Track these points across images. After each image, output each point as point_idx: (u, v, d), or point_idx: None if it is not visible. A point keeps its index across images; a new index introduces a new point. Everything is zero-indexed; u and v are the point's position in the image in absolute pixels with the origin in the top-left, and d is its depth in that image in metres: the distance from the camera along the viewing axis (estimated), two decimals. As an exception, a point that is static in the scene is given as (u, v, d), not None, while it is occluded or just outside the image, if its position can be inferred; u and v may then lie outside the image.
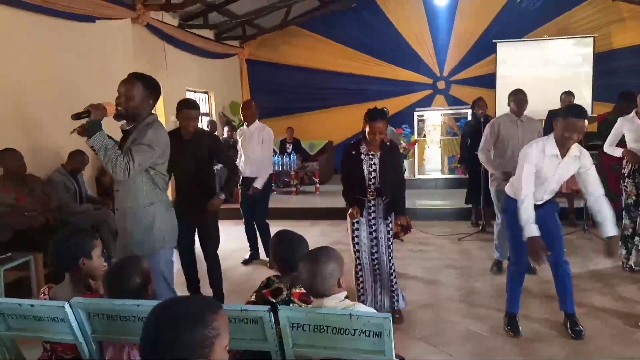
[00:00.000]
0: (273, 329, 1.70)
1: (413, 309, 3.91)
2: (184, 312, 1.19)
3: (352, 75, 10.69)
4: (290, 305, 2.04)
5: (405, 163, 9.03)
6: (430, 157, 9.46)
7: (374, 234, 3.51)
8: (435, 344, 3.31)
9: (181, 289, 3.66)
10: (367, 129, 3.34)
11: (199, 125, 4.21)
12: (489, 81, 9.83)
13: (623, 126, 4.36)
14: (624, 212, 4.47)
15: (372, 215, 3.50)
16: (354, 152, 3.44)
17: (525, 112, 4.41)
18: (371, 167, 3.41)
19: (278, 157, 8.56)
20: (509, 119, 4.42)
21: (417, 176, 9.02)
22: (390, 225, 3.51)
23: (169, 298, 1.34)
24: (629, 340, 3.26)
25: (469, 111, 7.77)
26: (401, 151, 8.87)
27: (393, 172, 3.47)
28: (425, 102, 10.41)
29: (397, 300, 3.62)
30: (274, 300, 2.06)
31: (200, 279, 4.10)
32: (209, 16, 8.74)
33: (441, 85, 10.57)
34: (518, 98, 4.33)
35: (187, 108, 3.67)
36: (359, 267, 3.57)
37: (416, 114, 9.31)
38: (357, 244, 3.54)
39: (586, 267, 4.66)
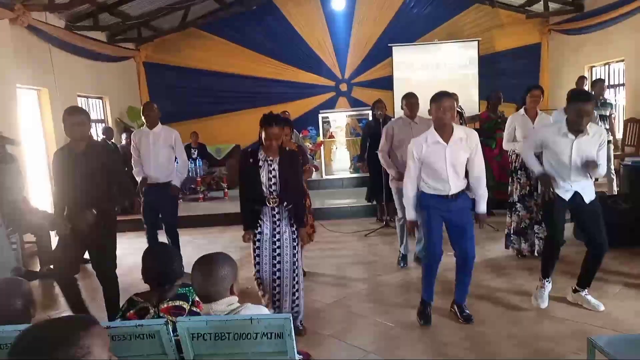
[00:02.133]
0: (172, 342, 1.63)
1: (324, 307, 3.97)
2: (49, 333, 1.13)
3: (256, 79, 10.66)
4: None
5: (314, 165, 9.19)
6: (338, 158, 9.71)
7: (277, 243, 3.39)
8: (345, 338, 3.39)
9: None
10: (263, 135, 3.25)
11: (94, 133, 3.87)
12: (387, 83, 10.29)
13: (514, 122, 4.74)
14: (518, 205, 4.81)
15: (277, 223, 3.38)
16: (251, 159, 3.31)
17: (419, 113, 4.63)
18: (270, 174, 3.29)
19: (183, 163, 8.28)
20: (403, 122, 4.60)
21: (324, 177, 9.19)
22: (295, 232, 3.42)
23: (39, 321, 1.25)
24: (517, 319, 3.55)
25: (370, 112, 8.08)
26: (308, 153, 9.02)
27: (294, 177, 3.38)
28: (329, 104, 10.66)
29: (298, 312, 3.49)
30: None
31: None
32: (99, 17, 8.24)
33: (343, 87, 10.88)
34: (409, 102, 4.55)
35: (68, 114, 3.35)
36: (259, 280, 3.45)
37: (320, 115, 9.49)
38: (258, 255, 3.41)
39: (482, 256, 5.01)
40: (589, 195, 3.50)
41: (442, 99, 3.23)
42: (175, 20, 9.76)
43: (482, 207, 3.45)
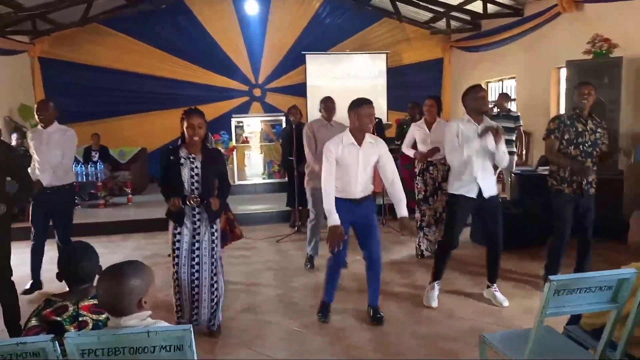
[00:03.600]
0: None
1: (234, 315, 3.89)
2: None
3: (166, 79, 10.24)
4: (79, 319, 1.91)
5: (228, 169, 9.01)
6: (252, 163, 9.61)
7: (196, 244, 3.32)
8: (255, 346, 3.34)
9: None
10: (185, 127, 3.20)
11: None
12: (301, 90, 10.39)
13: (414, 130, 5.03)
14: (417, 207, 5.11)
15: (197, 224, 3.31)
16: (172, 157, 3.24)
17: (335, 118, 4.81)
18: (193, 171, 3.24)
19: (82, 166, 7.72)
20: (321, 123, 4.78)
21: (237, 182, 9.05)
22: (215, 234, 3.36)
23: None
24: (420, 317, 3.74)
25: (284, 118, 8.11)
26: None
27: (217, 176, 3.35)
28: (242, 109, 10.52)
29: (215, 317, 3.44)
30: (59, 319, 1.87)
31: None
32: (-14, 6, 7.47)
33: (257, 92, 10.81)
34: (327, 105, 4.78)
35: None
36: (177, 281, 3.35)
37: (234, 120, 9.35)
38: (177, 256, 3.31)
39: (386, 257, 5.20)
40: (489, 191, 3.73)
41: (363, 106, 3.35)
42: (77, 14, 9.10)
43: (403, 211, 3.45)
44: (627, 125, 5.84)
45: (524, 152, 8.28)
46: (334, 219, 3.30)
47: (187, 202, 3.23)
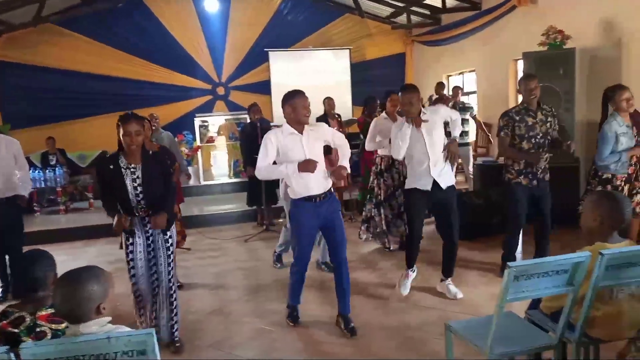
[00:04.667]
0: (15, 373, 1.44)
1: (202, 317, 3.84)
2: None
3: (126, 80, 9.97)
4: (37, 330, 1.85)
5: (190, 170, 8.87)
6: (218, 163, 9.49)
7: (152, 253, 3.21)
8: (224, 347, 3.31)
9: None
10: (121, 134, 2.98)
11: None
12: (265, 88, 10.32)
13: (377, 125, 5.02)
14: (384, 204, 5.09)
15: (150, 232, 3.19)
16: (112, 167, 3.04)
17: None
18: (135, 182, 3.04)
19: (39, 172, 7.46)
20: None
21: (203, 182, 8.93)
22: (170, 240, 3.25)
23: None
24: (388, 309, 3.79)
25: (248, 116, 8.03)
26: (184, 158, 8.69)
27: (161, 181, 3.16)
28: (206, 108, 10.36)
29: (176, 322, 3.34)
30: (16, 330, 1.81)
31: None
32: None
33: (220, 91, 10.67)
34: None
35: None
36: (137, 292, 3.24)
37: (198, 119, 9.20)
38: (133, 268, 3.19)
39: (354, 251, 5.25)
40: (445, 181, 3.76)
41: (298, 97, 3.22)
42: (29, 15, 8.76)
43: (344, 162, 3.36)
44: (582, 114, 6.05)
45: (485, 143, 8.50)
46: (290, 168, 3.20)
47: (136, 213, 3.09)
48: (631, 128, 3.98)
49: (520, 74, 7.14)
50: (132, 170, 3.06)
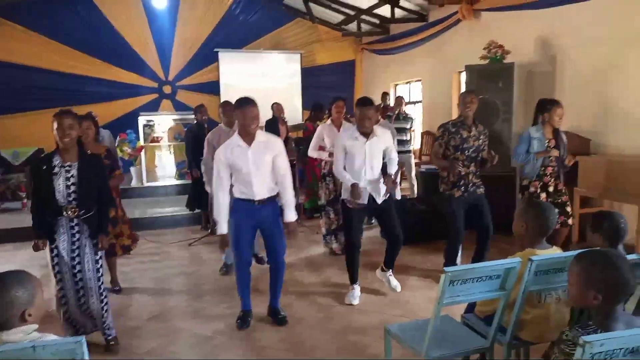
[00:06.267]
0: None
1: (141, 324, 3.72)
2: None
3: (66, 75, 9.52)
4: None
5: (132, 170, 8.58)
6: (163, 164, 9.22)
7: (77, 259, 3.07)
8: (163, 354, 3.22)
9: None
10: (55, 128, 2.89)
11: None
12: (214, 88, 10.18)
13: (322, 132, 5.07)
14: (327, 208, 5.18)
15: (76, 236, 3.05)
16: (45, 167, 2.93)
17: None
18: (69, 181, 2.95)
19: (-34, 169, 6.98)
20: (223, 131, 4.55)
21: (146, 184, 8.64)
22: (99, 244, 3.14)
23: None
24: (331, 313, 3.80)
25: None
26: (126, 158, 8.39)
27: (96, 183, 3.07)
28: (151, 107, 10.06)
29: (109, 328, 3.25)
30: None
31: None
32: None
33: (167, 89, 10.40)
34: (225, 110, 4.57)
35: None
36: (63, 299, 3.10)
37: (142, 118, 8.91)
38: (59, 272, 3.06)
39: (299, 255, 5.26)
40: (379, 198, 3.87)
41: (245, 107, 3.24)
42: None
43: (290, 215, 3.47)
44: (519, 125, 6.36)
45: (429, 152, 8.75)
46: (222, 228, 3.34)
47: (65, 213, 2.97)
48: (548, 140, 4.23)
49: (463, 86, 7.43)
50: (66, 168, 2.95)
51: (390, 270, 4.17)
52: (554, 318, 2.35)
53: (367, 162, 3.79)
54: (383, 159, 3.93)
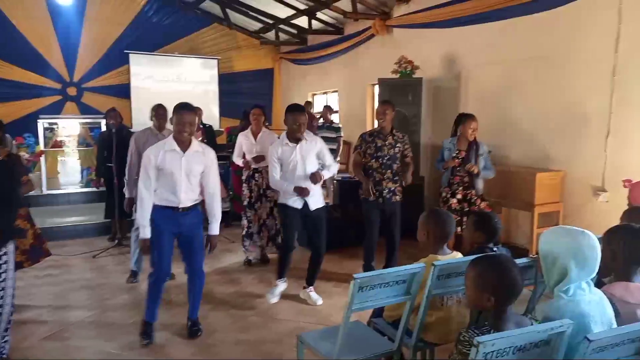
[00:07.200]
0: None
1: (35, 343, 3.42)
2: None
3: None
4: None
5: (31, 177, 7.89)
6: (66, 170, 8.58)
7: None
8: (60, 377, 2.98)
9: None
10: None
11: None
12: (124, 91, 9.67)
13: (242, 140, 5.03)
14: (243, 213, 5.16)
15: None
16: None
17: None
18: None
19: None
20: (152, 132, 4.41)
21: (46, 191, 8.00)
22: (3, 257, 2.87)
23: None
24: (246, 324, 3.75)
25: (104, 121, 7.44)
26: (24, 163, 7.72)
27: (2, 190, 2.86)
28: (54, 109, 9.35)
29: (3, 347, 2.99)
30: None
31: None
32: None
33: (72, 91, 9.72)
34: (158, 113, 4.46)
35: None
36: None
37: (42, 121, 8.24)
38: None
39: (214, 265, 5.14)
40: (314, 203, 4.00)
41: (182, 112, 3.21)
42: None
43: (214, 229, 3.43)
44: (427, 136, 6.72)
45: (345, 160, 8.96)
46: (145, 232, 3.25)
47: None
48: (458, 152, 4.52)
49: (377, 98, 7.71)
50: None
51: (311, 286, 4.20)
52: (455, 320, 2.49)
53: (299, 167, 3.90)
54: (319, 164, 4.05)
